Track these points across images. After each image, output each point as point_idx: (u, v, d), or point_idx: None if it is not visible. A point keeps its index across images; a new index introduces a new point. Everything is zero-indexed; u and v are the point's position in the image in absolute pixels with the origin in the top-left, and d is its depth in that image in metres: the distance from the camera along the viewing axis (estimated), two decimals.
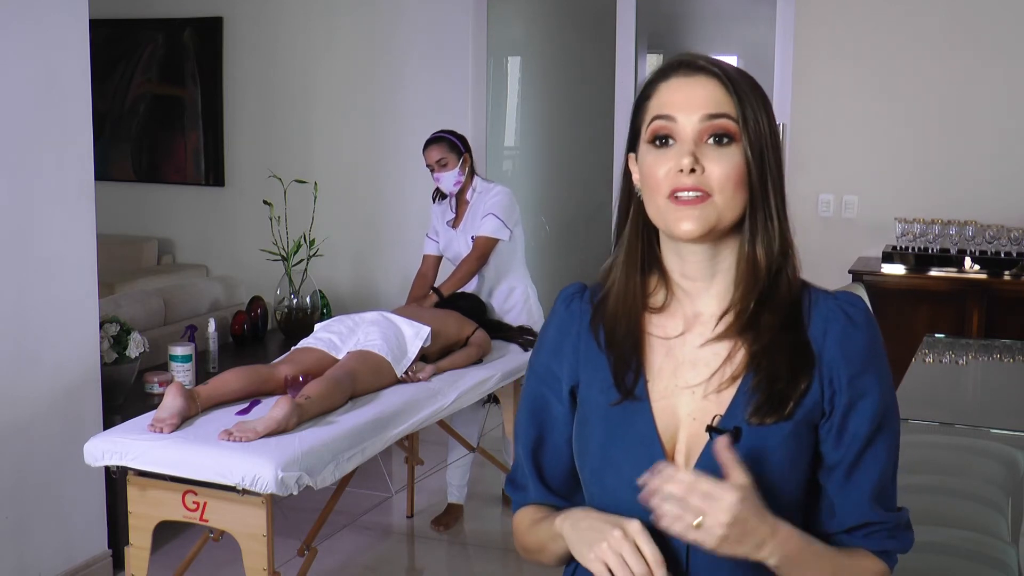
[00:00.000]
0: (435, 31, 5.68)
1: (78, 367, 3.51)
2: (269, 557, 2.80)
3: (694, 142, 1.26)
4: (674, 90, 1.29)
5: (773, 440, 1.27)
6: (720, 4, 7.90)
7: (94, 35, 3.55)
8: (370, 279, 5.94)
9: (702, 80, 1.28)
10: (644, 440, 1.31)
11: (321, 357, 3.44)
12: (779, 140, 1.31)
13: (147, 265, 6.25)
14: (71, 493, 3.50)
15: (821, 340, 1.30)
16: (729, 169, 1.25)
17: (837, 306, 1.32)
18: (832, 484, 1.32)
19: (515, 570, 3.89)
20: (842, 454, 1.30)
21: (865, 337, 1.31)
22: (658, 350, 1.34)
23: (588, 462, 1.35)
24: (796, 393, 1.28)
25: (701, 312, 1.34)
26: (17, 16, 3.24)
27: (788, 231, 1.31)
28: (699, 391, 1.31)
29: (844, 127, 5.04)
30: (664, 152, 1.27)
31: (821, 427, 1.30)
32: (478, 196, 4.25)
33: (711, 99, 1.26)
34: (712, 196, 1.25)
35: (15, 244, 3.27)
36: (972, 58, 4.86)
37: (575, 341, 1.39)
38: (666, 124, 1.27)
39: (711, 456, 1.27)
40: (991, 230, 4.69)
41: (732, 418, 1.28)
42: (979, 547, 2.21)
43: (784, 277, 1.31)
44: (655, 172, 1.27)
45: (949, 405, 3.29)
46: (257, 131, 6.13)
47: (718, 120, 1.26)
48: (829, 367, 1.29)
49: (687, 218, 1.25)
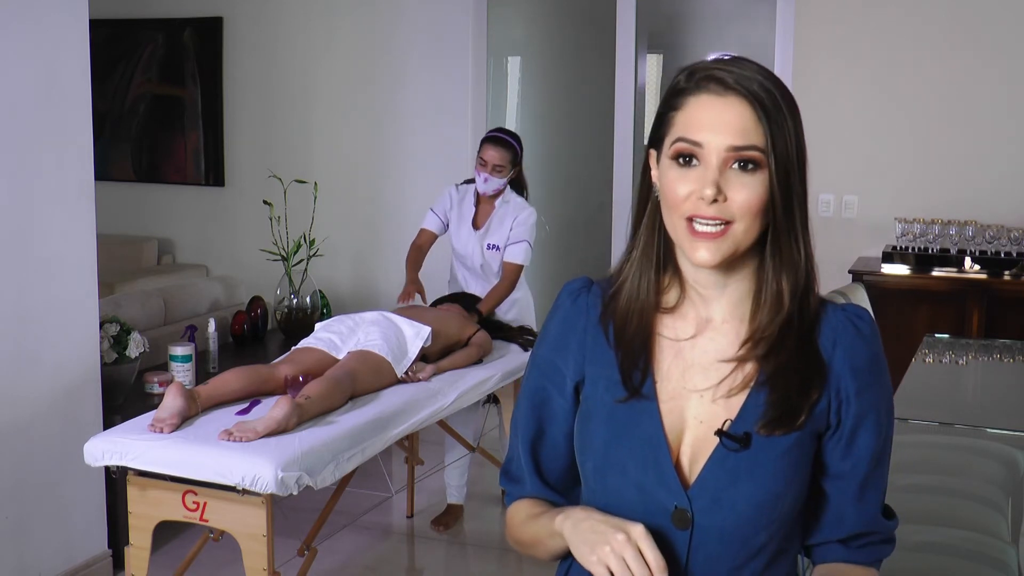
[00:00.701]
0: (435, 31, 5.68)
1: (78, 367, 3.50)
2: (269, 557, 2.80)
3: (718, 169, 1.23)
4: (703, 109, 1.25)
5: (780, 448, 1.28)
6: (720, 4, 7.90)
7: (94, 35, 3.55)
8: (370, 279, 5.94)
9: (733, 103, 1.24)
10: (650, 440, 1.30)
11: (321, 357, 3.44)
12: (805, 152, 1.28)
13: (147, 265, 6.25)
14: (71, 493, 3.50)
15: (831, 351, 1.30)
16: (752, 197, 1.24)
17: (846, 318, 1.32)
18: (839, 493, 1.32)
19: (515, 570, 3.89)
20: (851, 465, 1.31)
21: (872, 350, 1.31)
22: (667, 351, 1.34)
23: (590, 459, 1.35)
24: (808, 405, 1.28)
25: (712, 317, 1.33)
26: (17, 16, 3.24)
27: (811, 248, 1.29)
28: (708, 395, 1.30)
29: (844, 127, 5.05)
30: (687, 172, 1.25)
31: (827, 438, 1.31)
32: (506, 206, 4.24)
33: (740, 127, 1.23)
34: (733, 224, 1.24)
35: (15, 244, 3.27)
36: (972, 58, 4.86)
37: (581, 336, 1.38)
38: (691, 148, 1.25)
39: (719, 460, 1.27)
40: (991, 230, 4.69)
41: (742, 424, 1.28)
42: (979, 547, 2.21)
43: (809, 300, 1.30)
44: (676, 190, 1.25)
45: (949, 405, 3.29)
46: (257, 131, 6.13)
47: (744, 152, 1.23)
48: (837, 379, 1.30)
49: (703, 249, 1.24)
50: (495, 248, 4.24)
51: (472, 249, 4.28)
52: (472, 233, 4.27)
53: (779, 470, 1.27)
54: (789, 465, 1.28)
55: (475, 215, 4.28)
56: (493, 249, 4.25)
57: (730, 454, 1.27)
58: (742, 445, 1.26)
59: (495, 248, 4.24)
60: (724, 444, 1.27)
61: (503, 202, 4.24)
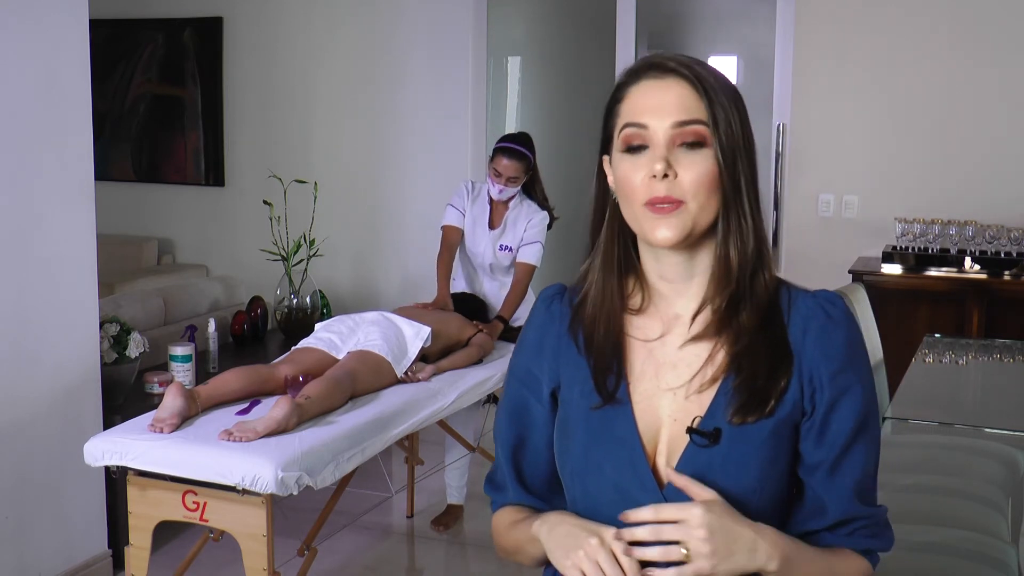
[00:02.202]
0: (435, 31, 5.68)
1: (78, 367, 3.50)
2: (269, 557, 2.80)
3: (666, 147, 1.26)
4: (644, 94, 1.29)
5: (755, 440, 1.28)
6: (720, 4, 7.90)
7: (94, 35, 3.55)
8: (370, 279, 5.95)
9: (672, 83, 1.27)
10: (625, 442, 1.31)
11: (321, 357, 3.44)
12: (752, 138, 1.31)
13: (147, 265, 6.25)
14: (71, 493, 3.50)
15: (801, 338, 1.30)
16: (701, 174, 1.25)
17: (816, 304, 1.32)
18: (815, 481, 1.32)
19: (514, 570, 3.89)
20: (825, 452, 1.30)
21: (845, 334, 1.31)
22: (639, 352, 1.34)
23: (569, 464, 1.35)
24: (776, 391, 1.28)
25: (680, 314, 1.34)
26: (17, 16, 3.24)
27: (762, 230, 1.31)
28: (680, 392, 1.31)
29: (844, 127, 5.05)
30: (637, 159, 1.27)
31: (802, 425, 1.31)
32: (519, 208, 4.26)
33: (681, 104, 1.26)
34: (686, 202, 1.26)
35: (15, 244, 3.27)
36: (972, 58, 4.86)
37: (555, 343, 1.39)
38: (638, 132, 1.27)
39: (691, 457, 1.28)
40: (991, 230, 4.69)
41: (713, 419, 1.28)
42: (979, 547, 2.21)
43: (760, 278, 1.31)
44: (630, 179, 1.27)
45: (949, 405, 3.29)
46: (257, 131, 6.13)
47: (689, 127, 1.26)
48: (809, 365, 1.30)
49: (663, 226, 1.26)
50: (507, 249, 4.27)
51: (485, 248, 4.29)
52: (487, 233, 4.28)
53: (753, 464, 1.28)
54: (764, 458, 1.28)
55: (490, 215, 4.29)
56: (505, 250, 4.27)
57: (702, 450, 1.27)
58: (711, 441, 1.27)
59: (507, 249, 4.27)
60: (694, 440, 1.28)
61: (517, 203, 4.26)
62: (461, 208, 4.30)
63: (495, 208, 4.28)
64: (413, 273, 5.75)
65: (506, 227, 4.26)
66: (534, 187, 4.29)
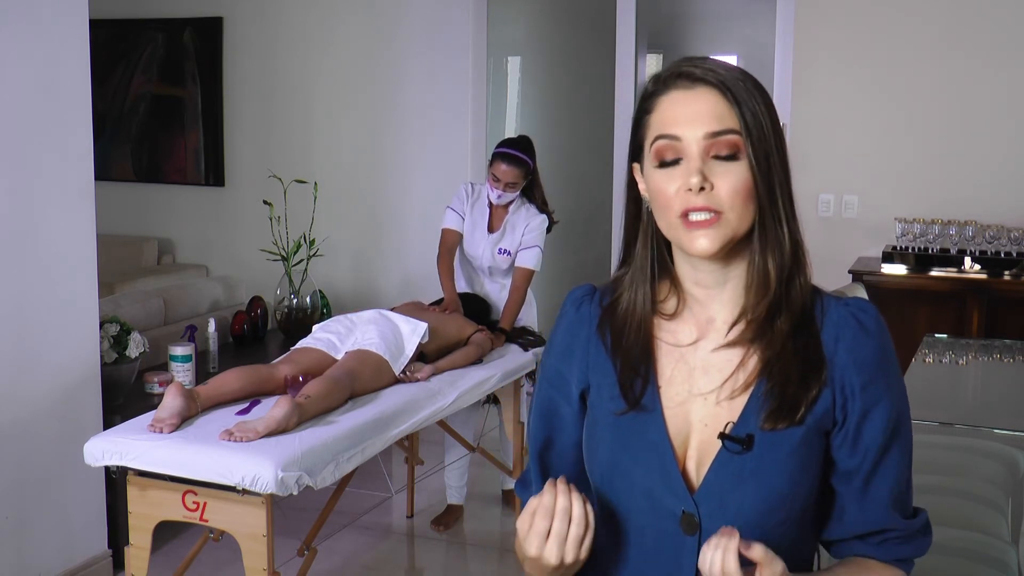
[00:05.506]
0: (435, 31, 5.68)
1: (78, 367, 3.50)
2: (269, 557, 2.80)
3: (700, 159, 1.24)
4: (675, 105, 1.27)
5: (785, 447, 1.27)
6: (720, 4, 7.90)
7: (94, 35, 3.55)
8: (370, 279, 5.95)
9: (702, 92, 1.26)
10: (655, 446, 1.30)
11: (320, 357, 3.44)
12: (783, 138, 1.30)
13: (147, 265, 6.25)
14: (71, 493, 3.50)
15: (833, 347, 1.29)
16: (737, 184, 1.24)
17: (849, 313, 1.31)
18: (849, 491, 1.31)
19: (514, 570, 3.89)
20: (858, 462, 1.30)
21: (877, 344, 1.30)
22: (670, 356, 1.34)
23: (598, 467, 1.35)
24: (807, 399, 1.27)
25: (714, 318, 1.33)
26: (17, 16, 3.24)
27: (798, 232, 1.30)
28: (711, 398, 1.30)
29: (844, 127, 5.04)
30: (672, 171, 1.26)
31: (834, 435, 1.30)
32: (519, 212, 4.25)
33: (713, 114, 1.25)
34: (724, 212, 1.24)
35: (15, 244, 3.27)
36: (972, 58, 4.86)
37: (585, 345, 1.38)
38: (671, 144, 1.26)
39: (722, 463, 1.27)
40: (991, 230, 4.69)
41: (744, 425, 1.27)
42: (979, 547, 2.21)
43: (796, 283, 1.30)
44: (665, 191, 1.26)
45: (949, 405, 3.29)
46: (257, 131, 6.13)
47: (722, 137, 1.24)
48: (841, 374, 1.29)
49: (702, 237, 1.25)
50: (506, 253, 4.26)
51: (484, 251, 4.29)
52: (486, 236, 4.28)
53: (784, 471, 1.27)
54: (795, 465, 1.27)
55: (490, 219, 4.29)
56: (504, 254, 4.27)
57: (734, 457, 1.27)
58: (744, 447, 1.26)
59: (506, 253, 4.26)
60: (726, 447, 1.27)
61: (516, 207, 4.26)
62: (460, 211, 4.30)
63: (494, 211, 4.28)
64: (413, 273, 5.75)
65: (505, 231, 4.26)
66: (534, 190, 4.29)
